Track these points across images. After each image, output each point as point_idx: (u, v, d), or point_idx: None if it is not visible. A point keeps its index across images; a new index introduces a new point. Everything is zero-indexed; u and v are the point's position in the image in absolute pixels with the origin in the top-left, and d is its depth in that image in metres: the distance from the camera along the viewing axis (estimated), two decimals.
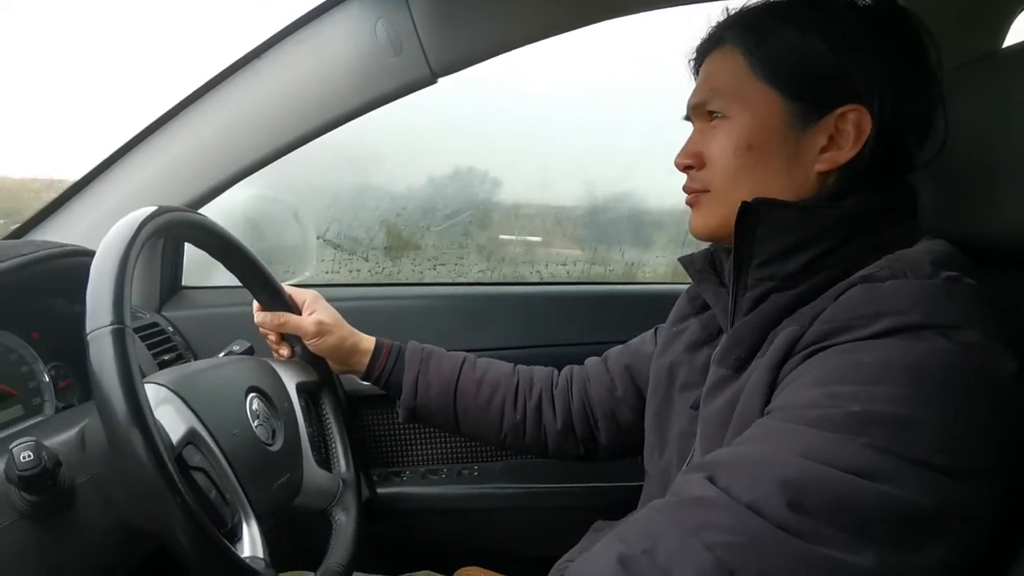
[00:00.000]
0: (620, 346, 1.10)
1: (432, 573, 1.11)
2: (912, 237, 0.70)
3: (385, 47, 1.10)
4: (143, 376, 0.69)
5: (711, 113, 0.77)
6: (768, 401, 0.65)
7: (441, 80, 1.14)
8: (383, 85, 1.13)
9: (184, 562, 0.65)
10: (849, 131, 0.71)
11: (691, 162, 0.79)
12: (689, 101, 0.81)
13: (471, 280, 1.66)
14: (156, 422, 0.65)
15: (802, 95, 0.72)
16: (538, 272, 1.68)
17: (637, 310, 1.40)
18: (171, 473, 0.63)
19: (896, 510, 0.52)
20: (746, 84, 0.74)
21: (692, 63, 0.84)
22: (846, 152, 0.72)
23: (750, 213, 0.72)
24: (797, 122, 0.73)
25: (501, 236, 1.72)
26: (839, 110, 0.71)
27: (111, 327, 0.64)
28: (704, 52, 0.81)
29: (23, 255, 0.93)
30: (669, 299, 1.04)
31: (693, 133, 0.81)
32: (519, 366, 1.13)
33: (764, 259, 0.72)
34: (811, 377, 0.61)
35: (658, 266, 1.77)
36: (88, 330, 0.65)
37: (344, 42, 1.11)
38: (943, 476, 0.53)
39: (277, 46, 1.13)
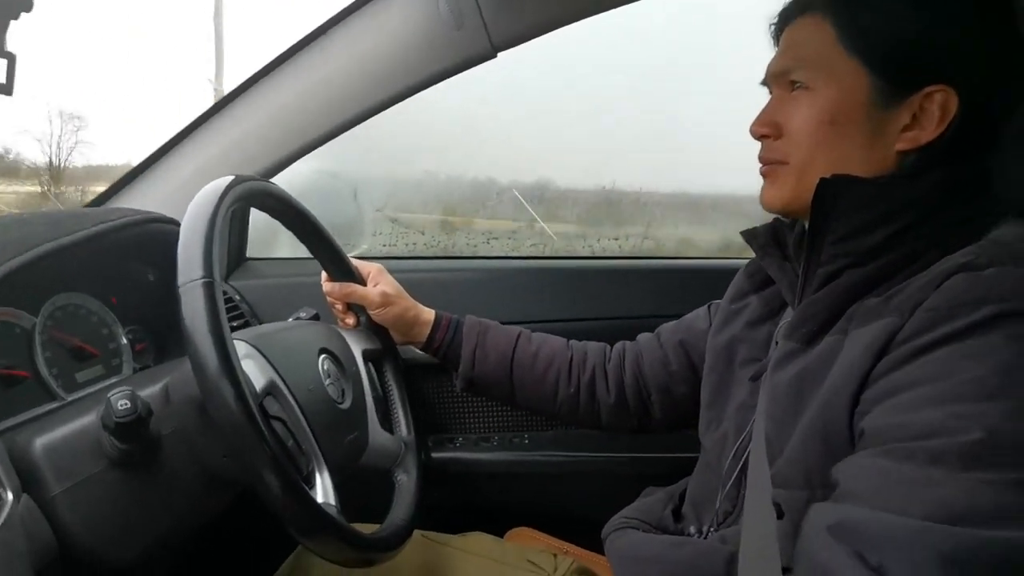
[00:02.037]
0: (673, 322, 1.11)
1: (484, 534, 1.14)
2: (988, 212, 0.69)
3: (447, 21, 1.12)
4: None
5: (793, 83, 0.76)
6: (862, 385, 0.65)
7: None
8: (445, 59, 1.15)
9: (265, 502, 0.69)
10: (934, 112, 0.69)
11: (768, 131, 0.78)
12: (769, 67, 0.79)
13: (524, 254, 1.68)
14: (243, 372, 0.68)
15: (891, 72, 0.70)
16: (589, 247, 1.70)
17: (689, 284, 1.41)
18: (256, 417, 0.66)
19: None
20: (834, 56, 0.72)
21: (773, 28, 0.81)
22: (929, 133, 0.70)
23: (829, 188, 0.71)
24: (882, 99, 0.71)
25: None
26: (925, 89, 0.69)
27: (202, 280, 0.68)
28: (788, 18, 0.78)
29: (107, 221, 0.98)
30: (721, 274, 1.05)
31: (771, 100, 0.79)
32: (573, 341, 1.15)
33: (842, 235, 0.71)
34: (925, 393, 0.59)
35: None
36: (180, 283, 0.69)
37: (407, 17, 1.14)
38: None
39: (343, 22, 1.16)
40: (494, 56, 1.15)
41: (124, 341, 1.07)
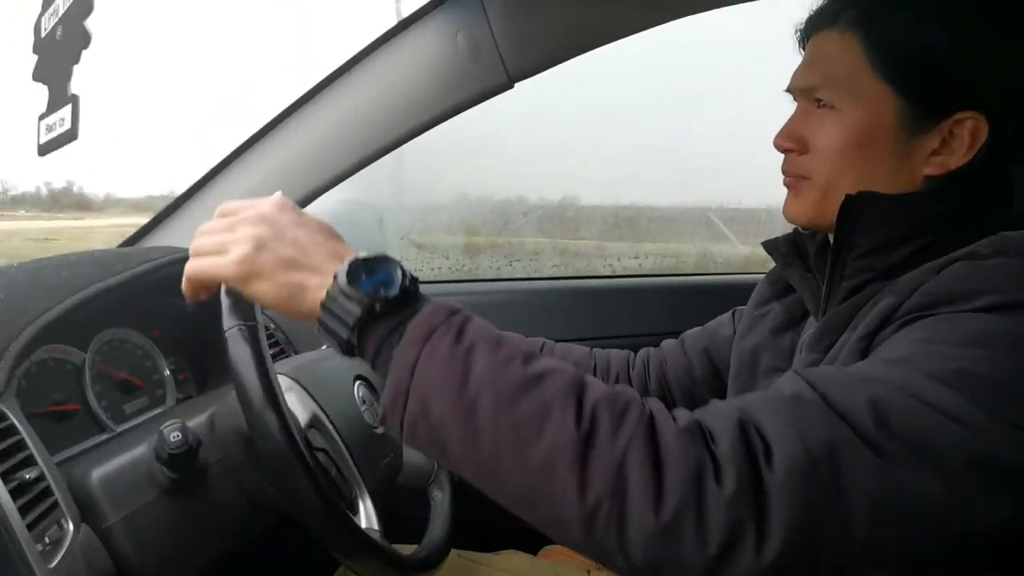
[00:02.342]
0: (697, 328, 1.11)
1: (519, 552, 1.17)
2: (1009, 222, 0.68)
3: (465, 55, 1.16)
4: None
5: (819, 100, 0.75)
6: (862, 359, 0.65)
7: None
8: (464, 91, 1.19)
9: (312, 529, 0.72)
10: (964, 138, 0.69)
11: (792, 145, 0.77)
12: (794, 78, 0.78)
13: (546, 275, 1.72)
14: (288, 408, 0.72)
15: (921, 98, 0.70)
16: (610, 265, 1.73)
17: (709, 300, 1.42)
18: (304, 455, 0.70)
19: (976, 455, 0.53)
20: (862, 78, 0.71)
21: (799, 34, 0.80)
22: (958, 159, 0.70)
23: (854, 205, 0.71)
24: (910, 123, 0.70)
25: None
26: (956, 116, 0.69)
27: (245, 324, 0.72)
28: (815, 27, 0.77)
29: (151, 260, 1.03)
30: (741, 289, 1.06)
31: (796, 113, 0.78)
32: (596, 349, 1.16)
33: (866, 250, 0.71)
34: (911, 338, 0.61)
35: None
36: (225, 327, 0.72)
37: (427, 53, 1.18)
38: None
39: (366, 60, 1.20)
40: (511, 87, 1.19)
41: (167, 372, 1.12)
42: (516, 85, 1.20)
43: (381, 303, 0.59)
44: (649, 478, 0.50)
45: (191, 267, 0.66)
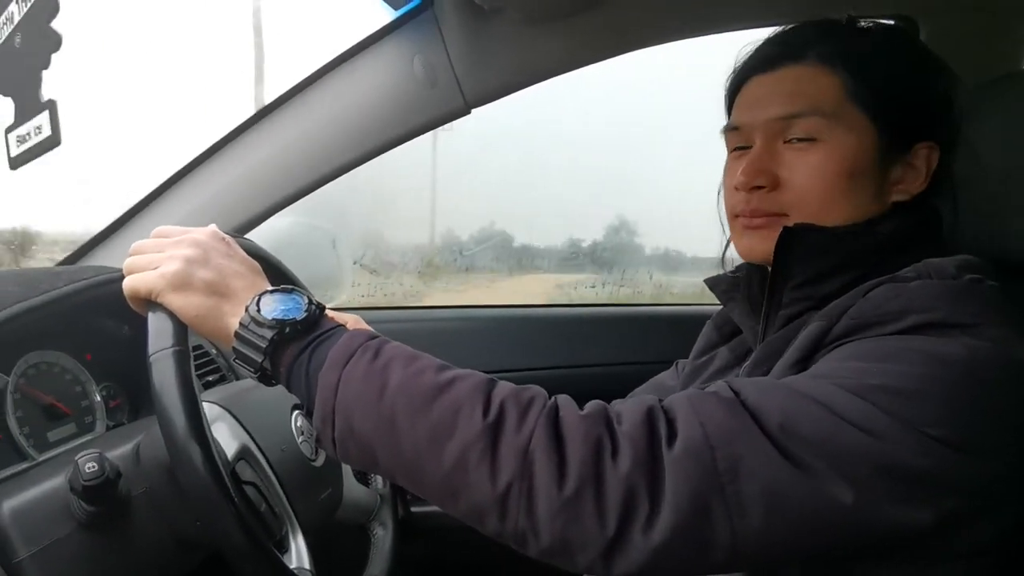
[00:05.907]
0: (644, 384, 1.11)
1: None
2: (936, 255, 0.71)
3: (422, 80, 1.15)
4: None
5: (791, 131, 0.74)
6: None
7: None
8: (420, 116, 1.18)
9: (237, 570, 0.68)
10: (920, 166, 0.74)
11: (764, 182, 0.75)
12: (761, 112, 0.76)
13: (501, 302, 1.70)
14: (213, 439, 0.68)
15: (896, 130, 0.74)
16: (567, 295, 1.72)
17: (664, 331, 1.42)
18: (228, 488, 0.66)
19: (882, 462, 0.55)
20: (847, 109, 0.73)
21: (737, 73, 0.81)
22: (918, 185, 0.75)
23: (792, 236, 0.73)
24: (886, 155, 0.74)
25: None
26: (917, 146, 0.74)
27: (172, 349, 0.68)
28: (772, 63, 0.77)
29: (81, 279, 0.98)
30: (695, 320, 1.06)
31: (758, 150, 0.76)
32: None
33: (802, 280, 0.73)
34: (838, 357, 0.63)
35: None
36: (151, 352, 0.68)
37: (383, 76, 1.16)
38: (940, 445, 0.56)
39: (321, 80, 1.18)
40: (468, 112, 1.18)
41: (97, 399, 1.06)
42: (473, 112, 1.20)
43: (290, 326, 0.63)
44: (552, 458, 0.55)
45: (125, 284, 0.70)
